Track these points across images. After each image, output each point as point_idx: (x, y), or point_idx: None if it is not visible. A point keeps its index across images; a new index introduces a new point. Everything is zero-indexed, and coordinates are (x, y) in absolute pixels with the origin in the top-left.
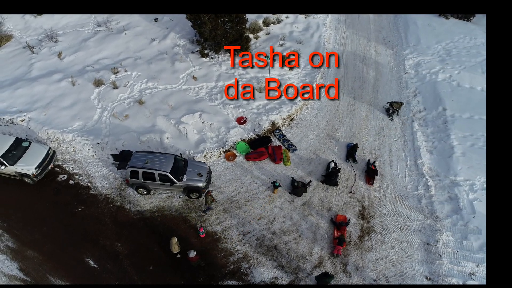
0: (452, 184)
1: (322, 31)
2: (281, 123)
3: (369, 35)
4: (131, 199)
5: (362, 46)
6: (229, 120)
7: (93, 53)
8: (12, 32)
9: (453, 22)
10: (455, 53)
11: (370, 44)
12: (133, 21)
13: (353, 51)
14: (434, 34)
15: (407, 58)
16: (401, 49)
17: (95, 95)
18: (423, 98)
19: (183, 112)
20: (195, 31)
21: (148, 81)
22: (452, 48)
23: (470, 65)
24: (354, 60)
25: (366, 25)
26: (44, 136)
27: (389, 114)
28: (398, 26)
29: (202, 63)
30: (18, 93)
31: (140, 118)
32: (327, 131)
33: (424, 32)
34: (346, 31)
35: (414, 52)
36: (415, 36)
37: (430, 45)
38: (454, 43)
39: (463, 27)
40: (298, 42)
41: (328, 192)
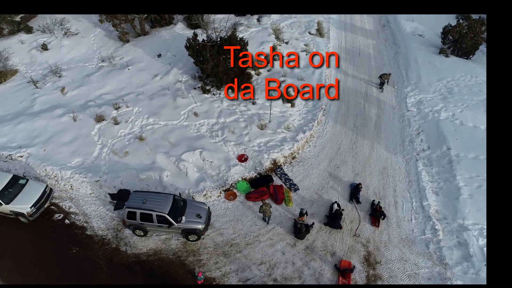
0: (460, 228)
1: (323, 68)
2: (282, 161)
3: (370, 72)
4: (128, 240)
5: (363, 83)
6: (230, 158)
7: (96, 88)
8: (18, 66)
9: (453, 60)
10: (457, 91)
11: (372, 81)
12: (136, 56)
13: (354, 88)
14: (434, 71)
15: (409, 96)
16: (402, 87)
17: (96, 131)
18: (427, 136)
19: (184, 149)
20: (197, 67)
21: (149, 117)
22: (453, 86)
23: (473, 103)
24: (355, 97)
25: (367, 62)
26: (42, 172)
27: (381, 86)
28: (398, 63)
29: (204, 99)
30: (19, 128)
31: (140, 155)
32: (330, 170)
33: (424, 70)
34: (347, 68)
35: (416, 89)
36: (416, 73)
37: (431, 83)
38: (455, 81)
39: (464, 65)
40: (300, 79)
41: (332, 235)
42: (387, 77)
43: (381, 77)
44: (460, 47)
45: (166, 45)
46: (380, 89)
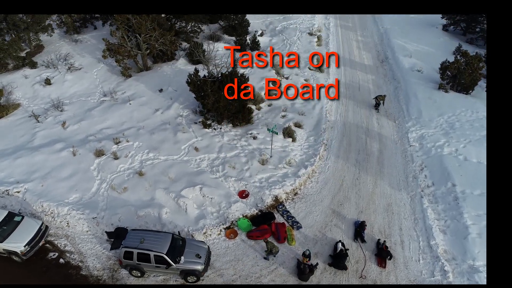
0: (471, 269)
1: (324, 103)
2: (284, 197)
3: (370, 106)
4: (124, 281)
5: (364, 118)
6: (230, 194)
7: (97, 122)
8: (21, 100)
9: (453, 95)
10: (459, 127)
11: (372, 116)
12: (138, 91)
13: (355, 123)
14: (435, 107)
15: (410, 131)
16: (403, 122)
17: (95, 166)
18: (430, 172)
19: (184, 184)
20: (198, 102)
21: (150, 152)
22: (454, 121)
23: (475, 138)
24: (357, 132)
25: (367, 96)
26: (39, 209)
27: (376, 107)
28: (399, 98)
29: (205, 133)
30: (18, 163)
31: (139, 190)
32: (333, 207)
33: (425, 105)
34: (347, 103)
35: (417, 124)
36: (416, 108)
37: (432, 118)
38: (456, 116)
39: (464, 101)
40: (300, 113)
41: (337, 276)
42: (382, 98)
43: (376, 98)
44: (459, 82)
45: (167, 80)
46: (376, 109)
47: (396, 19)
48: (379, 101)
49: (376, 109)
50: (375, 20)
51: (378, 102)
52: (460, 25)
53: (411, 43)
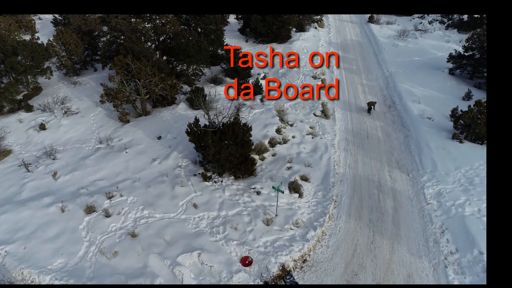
0: None
1: (331, 153)
2: (292, 265)
3: (380, 157)
4: None
5: (375, 170)
6: (232, 261)
7: (90, 172)
8: (13, 146)
9: (468, 146)
10: (479, 182)
11: (384, 168)
12: (136, 138)
13: (366, 176)
14: (450, 158)
15: (426, 186)
16: (418, 175)
17: (84, 224)
18: (453, 236)
19: (180, 249)
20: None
21: (145, 209)
22: (473, 176)
23: None
24: (368, 187)
25: (376, 146)
26: (19, 276)
27: (369, 111)
28: (410, 148)
29: (204, 187)
30: (1, 219)
31: (131, 256)
32: (347, 277)
33: (439, 156)
34: (356, 153)
35: (433, 179)
36: (430, 160)
37: (448, 172)
38: (474, 171)
39: (481, 152)
40: (307, 165)
41: None
42: (373, 104)
43: (368, 103)
44: (473, 132)
45: (167, 126)
46: (368, 113)
47: (400, 62)
48: (370, 106)
49: (369, 113)
50: (379, 62)
51: (370, 107)
52: (467, 69)
53: (417, 87)
